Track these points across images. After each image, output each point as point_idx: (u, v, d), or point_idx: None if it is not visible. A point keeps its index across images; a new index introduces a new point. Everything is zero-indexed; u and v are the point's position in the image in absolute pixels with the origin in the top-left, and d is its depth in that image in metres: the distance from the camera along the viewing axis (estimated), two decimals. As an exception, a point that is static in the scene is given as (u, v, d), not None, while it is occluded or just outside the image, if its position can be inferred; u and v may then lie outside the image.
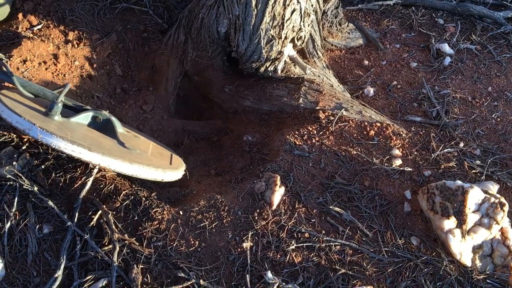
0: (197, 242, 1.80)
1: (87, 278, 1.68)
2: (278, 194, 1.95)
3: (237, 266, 1.76)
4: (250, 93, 2.49)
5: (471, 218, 1.91)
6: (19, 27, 2.47)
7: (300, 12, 2.13)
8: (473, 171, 2.25)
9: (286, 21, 2.10)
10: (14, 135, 2.01)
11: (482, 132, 2.52)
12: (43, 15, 2.59)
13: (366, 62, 2.92)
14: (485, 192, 1.99)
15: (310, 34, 2.53)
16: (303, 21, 2.21)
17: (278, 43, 2.21)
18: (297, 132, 2.27)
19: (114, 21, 2.77)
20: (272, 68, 2.39)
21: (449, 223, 1.90)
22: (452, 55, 2.98)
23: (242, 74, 2.54)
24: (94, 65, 2.57)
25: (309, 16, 2.25)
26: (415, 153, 2.28)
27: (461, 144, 2.39)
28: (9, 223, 1.77)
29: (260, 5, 1.99)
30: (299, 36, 2.30)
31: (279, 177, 1.98)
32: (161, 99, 2.62)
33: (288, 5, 2.02)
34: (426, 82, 2.78)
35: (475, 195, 1.93)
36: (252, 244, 1.82)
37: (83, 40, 2.59)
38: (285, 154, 2.15)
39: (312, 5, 2.22)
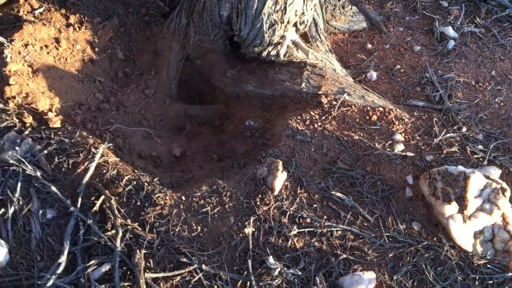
0: (199, 228, 1.81)
1: (91, 263, 1.69)
2: (280, 179, 1.95)
3: (239, 251, 1.77)
4: (252, 77, 2.49)
5: (473, 203, 1.91)
6: (20, 10, 2.45)
7: (303, -4, 2.12)
8: (476, 156, 2.25)
9: (289, 5, 2.09)
10: (17, 120, 2.01)
11: (485, 116, 2.51)
12: (45, -1, 2.57)
13: (369, 46, 2.90)
14: (487, 177, 1.99)
15: (313, 18, 2.51)
16: (306, 5, 2.20)
17: (280, 28, 2.20)
18: (299, 117, 2.27)
19: (115, 4, 2.75)
20: (274, 53, 2.38)
21: (451, 208, 1.91)
22: (456, 39, 2.96)
23: (245, 58, 2.53)
24: (96, 49, 2.56)
25: (312, 0, 2.23)
26: (418, 138, 2.28)
27: (464, 129, 2.38)
28: (12, 208, 1.78)
29: (262, -11, 1.98)
30: (301, 21, 2.29)
31: (281, 163, 1.98)
32: (163, 83, 2.62)
33: (291, -11, 2.02)
34: (430, 66, 2.77)
35: (477, 181, 1.93)
36: (254, 230, 1.83)
37: (84, 23, 2.58)
38: (287, 139, 2.15)
39: (315, -11, 2.20)
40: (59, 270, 1.64)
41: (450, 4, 3.21)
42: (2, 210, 1.77)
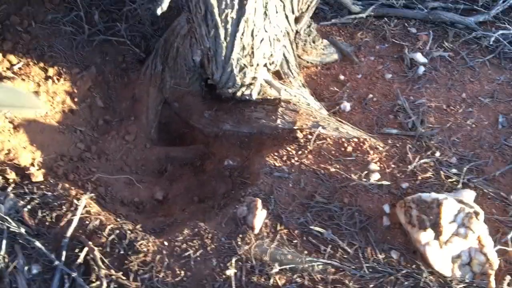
0: (182, 272, 1.85)
1: (77, 316, 1.73)
2: (260, 217, 2.00)
3: (222, 293, 1.82)
4: (229, 117, 2.55)
5: (448, 229, 1.97)
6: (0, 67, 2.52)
7: (269, 40, 2.19)
8: (450, 180, 2.31)
9: (256, 49, 2.17)
10: (0, 177, 2.06)
11: (457, 139, 2.58)
12: (23, 54, 2.63)
13: (342, 77, 2.98)
14: (460, 201, 2.05)
15: (284, 56, 2.59)
16: (274, 47, 2.28)
17: (250, 70, 2.28)
18: (276, 153, 2.32)
19: (92, 54, 2.82)
20: (248, 92, 2.45)
21: (427, 235, 1.96)
22: (425, 64, 3.04)
23: (221, 98, 2.60)
24: (75, 99, 2.62)
25: (280, 41, 2.31)
26: (393, 166, 2.34)
27: (437, 154, 2.45)
28: (-2, 267, 1.82)
29: (229, 38, 2.05)
30: (271, 62, 2.37)
31: (260, 201, 2.03)
32: (143, 128, 2.67)
33: (256, 35, 2.08)
34: (401, 93, 2.85)
35: (450, 207, 1.98)
36: (236, 270, 1.87)
37: (63, 75, 2.64)
38: (265, 177, 2.20)
39: (281, 31, 2.28)
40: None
41: (418, 30, 3.31)
42: (-12, 269, 1.81)
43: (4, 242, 1.87)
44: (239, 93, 2.46)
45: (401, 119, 2.68)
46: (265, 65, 2.37)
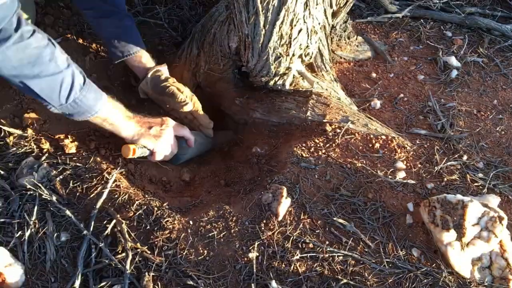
0: (205, 251, 1.89)
1: (102, 284, 1.78)
2: (284, 205, 2.03)
3: (243, 275, 1.85)
4: (260, 105, 2.58)
5: (471, 231, 1.97)
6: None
7: (307, 31, 2.21)
8: (475, 184, 2.32)
9: (293, 40, 2.19)
10: (35, 146, 2.12)
11: (486, 145, 2.58)
12: (63, 29, 2.69)
13: (374, 75, 2.99)
14: (485, 205, 2.06)
15: (319, 49, 2.61)
16: (310, 39, 2.29)
17: (286, 60, 2.30)
18: (304, 145, 2.35)
19: (130, 34, 2.86)
20: (280, 82, 2.48)
21: (449, 236, 1.97)
22: (459, 68, 3.04)
23: (253, 86, 2.63)
24: (111, 77, 2.67)
25: (316, 33, 2.32)
26: (419, 165, 2.35)
27: (465, 157, 2.45)
28: (29, 231, 1.87)
29: (268, 26, 2.07)
30: (306, 53, 2.38)
31: (285, 189, 2.06)
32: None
33: (295, 25, 2.10)
34: (432, 95, 2.85)
35: (474, 209, 1.99)
36: (258, 254, 1.90)
37: (100, 52, 2.69)
38: (292, 166, 2.23)
39: (319, 23, 2.30)
40: (73, 292, 1.74)
41: (454, 34, 3.30)
42: (19, 232, 1.87)
43: (35, 208, 1.93)
44: (271, 83, 2.48)
45: (430, 121, 2.69)
46: (300, 56, 2.39)
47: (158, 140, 2.19)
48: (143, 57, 2.45)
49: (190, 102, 2.39)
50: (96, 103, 1.93)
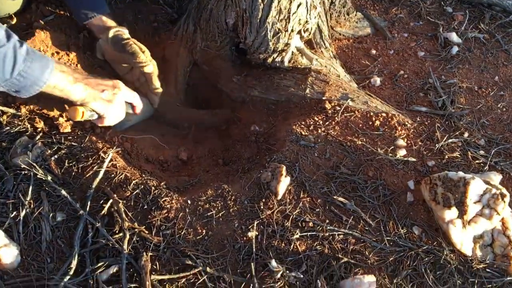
0: (204, 231, 1.87)
1: (99, 264, 1.75)
2: (284, 184, 2.00)
3: (242, 254, 1.83)
4: (258, 83, 2.54)
5: (472, 208, 1.95)
6: (32, 17, 2.52)
7: (306, 6, 2.16)
8: (477, 161, 2.29)
9: (292, 14, 2.14)
10: (29, 125, 2.08)
11: (487, 122, 2.55)
12: (56, 5, 2.62)
13: (374, 52, 2.95)
14: (487, 183, 2.03)
15: (318, 25, 2.56)
16: (309, 14, 2.25)
17: (284, 36, 2.25)
18: (303, 122, 2.31)
19: (125, 11, 2.80)
20: (279, 59, 2.43)
21: (451, 213, 1.95)
22: (459, 44, 2.99)
23: (250, 64, 2.58)
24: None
25: (316, 8, 2.28)
26: (420, 143, 2.32)
27: (466, 134, 2.42)
28: (24, 212, 1.84)
29: (266, 0, 2.02)
30: (305, 29, 2.34)
31: (284, 167, 2.03)
32: (171, 88, 2.67)
33: (294, -1, 2.07)
34: (433, 71, 2.81)
35: (476, 186, 1.97)
36: (257, 233, 1.88)
37: (94, 30, 2.63)
38: (291, 145, 2.20)
39: (318, -3, 2.25)
40: (71, 273, 1.71)
41: (454, 10, 3.24)
42: (14, 213, 1.84)
43: (30, 188, 1.89)
44: (270, 59, 2.44)
45: (431, 98, 2.65)
46: (299, 32, 2.34)
47: (110, 105, 2.07)
48: (104, 18, 2.39)
49: (151, 63, 2.32)
50: (43, 73, 1.78)
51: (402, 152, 2.23)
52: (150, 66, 2.31)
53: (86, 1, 2.37)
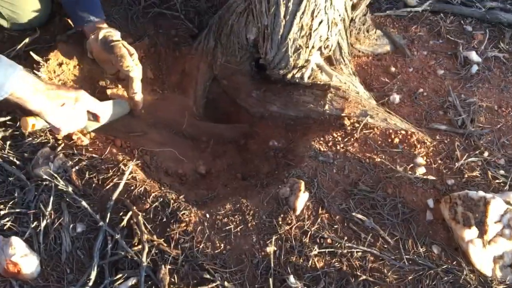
0: (222, 245, 1.87)
1: (118, 276, 1.76)
2: (302, 199, 2.00)
3: (260, 269, 1.82)
4: (277, 98, 2.55)
5: (493, 228, 1.93)
6: (56, 30, 2.56)
7: (328, 23, 2.18)
8: (497, 181, 2.27)
9: (314, 31, 2.15)
10: (51, 137, 2.11)
11: (507, 141, 2.53)
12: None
13: (393, 69, 2.94)
14: (508, 203, 2.01)
15: (338, 42, 2.57)
16: (331, 31, 2.26)
17: (305, 52, 2.26)
18: (322, 139, 2.32)
19: (146, 26, 2.84)
20: (299, 75, 2.44)
21: (471, 233, 1.93)
22: (479, 63, 2.98)
23: (270, 79, 2.60)
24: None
25: (337, 25, 2.29)
26: (439, 161, 2.31)
27: (486, 154, 2.40)
28: (44, 222, 1.86)
29: (288, 16, 2.04)
30: (326, 45, 2.35)
31: (303, 183, 2.03)
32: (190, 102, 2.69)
33: (316, 16, 2.07)
34: (453, 90, 2.80)
35: (497, 206, 1.95)
36: (275, 248, 1.88)
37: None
38: (310, 160, 2.20)
39: (339, 15, 2.26)
40: (90, 284, 1.72)
41: (474, 29, 3.24)
42: (35, 223, 1.86)
43: (51, 199, 1.91)
44: (289, 75, 2.45)
45: (450, 116, 2.64)
46: (320, 48, 2.35)
47: (67, 120, 2.01)
48: (100, 24, 2.41)
49: (137, 68, 2.29)
50: (6, 80, 1.72)
51: (421, 170, 2.22)
52: (135, 71, 2.28)
53: (83, 7, 2.38)
